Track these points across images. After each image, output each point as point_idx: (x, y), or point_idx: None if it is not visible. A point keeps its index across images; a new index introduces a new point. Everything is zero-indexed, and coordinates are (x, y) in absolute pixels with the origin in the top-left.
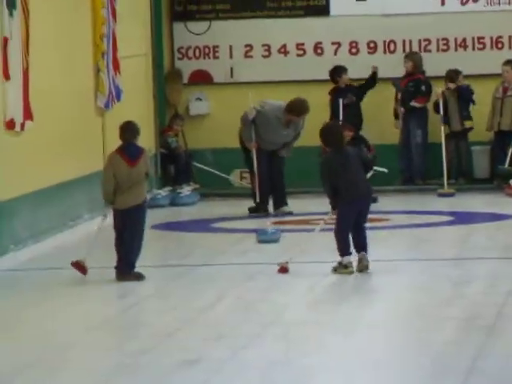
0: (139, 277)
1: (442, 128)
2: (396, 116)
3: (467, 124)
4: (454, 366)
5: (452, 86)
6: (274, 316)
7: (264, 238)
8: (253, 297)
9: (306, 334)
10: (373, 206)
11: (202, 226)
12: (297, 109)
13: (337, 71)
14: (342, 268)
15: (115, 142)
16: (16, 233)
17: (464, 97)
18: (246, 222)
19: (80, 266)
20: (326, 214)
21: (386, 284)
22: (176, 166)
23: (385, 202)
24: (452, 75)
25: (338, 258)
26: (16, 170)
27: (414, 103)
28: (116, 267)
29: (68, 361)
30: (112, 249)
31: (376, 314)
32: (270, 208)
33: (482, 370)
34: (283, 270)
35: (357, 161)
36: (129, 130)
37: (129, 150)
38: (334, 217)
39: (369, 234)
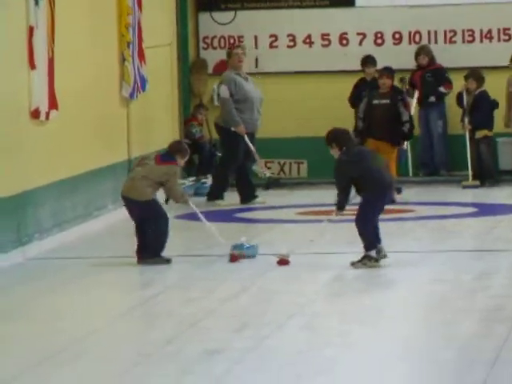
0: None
1: (466, 120)
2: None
3: (478, 134)
4: (478, 358)
5: (472, 86)
6: (296, 307)
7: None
8: (276, 287)
9: (329, 324)
10: (397, 197)
11: (225, 215)
12: (228, 54)
13: (364, 62)
14: (372, 261)
15: (140, 132)
16: (41, 222)
17: (481, 106)
18: (270, 212)
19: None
20: (352, 204)
21: (410, 276)
22: (200, 156)
23: (409, 194)
24: (477, 77)
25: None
26: (41, 159)
27: (442, 89)
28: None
29: (90, 349)
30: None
31: (399, 305)
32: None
33: (507, 361)
34: (283, 262)
35: (372, 154)
36: (173, 148)
37: (165, 155)
38: (339, 216)
39: (393, 225)
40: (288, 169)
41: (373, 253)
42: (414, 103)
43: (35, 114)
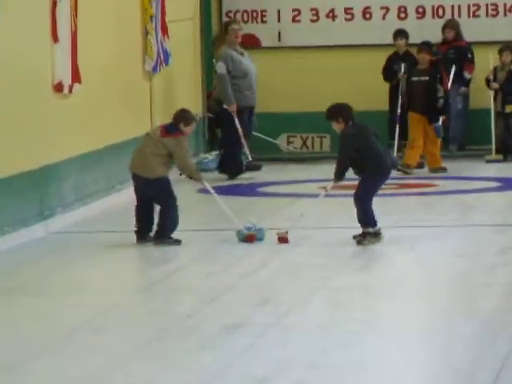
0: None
1: (492, 95)
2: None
3: (508, 108)
4: (501, 332)
5: (508, 59)
6: (319, 281)
7: (244, 237)
8: (298, 261)
9: (352, 299)
10: (420, 172)
11: (248, 190)
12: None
13: (395, 35)
14: (373, 237)
15: (163, 106)
16: (63, 196)
17: None
18: (293, 186)
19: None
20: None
21: (433, 250)
22: (223, 130)
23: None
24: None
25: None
26: (64, 132)
27: (467, 75)
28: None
29: (110, 324)
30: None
31: (422, 280)
32: None
33: None
34: (283, 240)
35: (375, 133)
36: (176, 116)
37: (170, 127)
38: (334, 185)
39: (417, 199)
40: (311, 143)
41: (371, 229)
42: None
43: (58, 88)
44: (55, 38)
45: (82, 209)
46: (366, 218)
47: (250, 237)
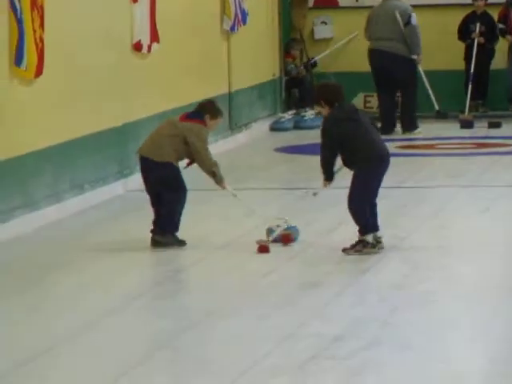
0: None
1: None
2: None
3: None
4: None
5: None
6: (396, 240)
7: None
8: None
9: (428, 258)
10: (495, 132)
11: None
12: None
13: None
14: (368, 247)
15: (240, 65)
16: None
17: None
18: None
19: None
20: (451, 138)
21: (509, 210)
22: (300, 90)
23: (507, 128)
24: None
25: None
26: (143, 91)
27: (500, 25)
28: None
29: (192, 280)
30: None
31: (498, 240)
32: None
33: None
34: (263, 249)
35: (367, 119)
36: (202, 107)
37: (192, 113)
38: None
39: (489, 159)
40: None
41: (369, 237)
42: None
43: (137, 47)
44: None
45: None
46: (361, 222)
47: (285, 236)
